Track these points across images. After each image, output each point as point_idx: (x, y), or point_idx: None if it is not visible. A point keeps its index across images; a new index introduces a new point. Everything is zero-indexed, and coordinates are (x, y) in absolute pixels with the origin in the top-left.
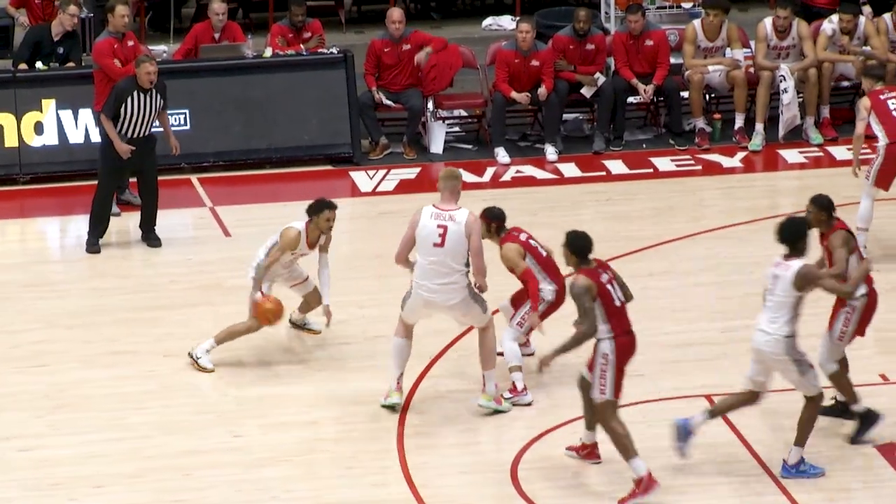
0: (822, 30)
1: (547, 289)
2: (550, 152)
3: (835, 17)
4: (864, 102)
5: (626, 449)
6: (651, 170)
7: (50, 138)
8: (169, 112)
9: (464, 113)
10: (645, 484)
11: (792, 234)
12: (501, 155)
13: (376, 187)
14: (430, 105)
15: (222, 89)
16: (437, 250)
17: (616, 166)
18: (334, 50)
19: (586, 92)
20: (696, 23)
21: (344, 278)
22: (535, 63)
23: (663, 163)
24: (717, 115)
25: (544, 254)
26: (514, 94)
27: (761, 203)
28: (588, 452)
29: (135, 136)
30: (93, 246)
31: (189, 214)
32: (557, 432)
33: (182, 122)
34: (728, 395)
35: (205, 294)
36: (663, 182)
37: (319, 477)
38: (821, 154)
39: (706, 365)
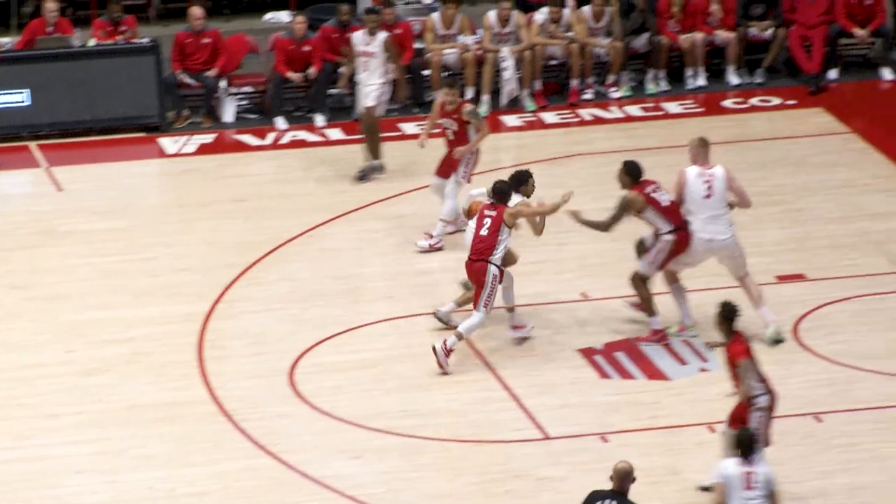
0: (534, 19)
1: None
2: (319, 120)
3: (545, 9)
4: (437, 103)
5: (650, 308)
6: (398, 133)
7: None
8: (12, 91)
9: (250, 89)
10: (660, 336)
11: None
12: (280, 122)
13: (180, 150)
14: (223, 83)
15: (55, 72)
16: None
17: None
18: (145, 40)
19: (346, 71)
20: (435, 15)
21: (154, 223)
22: (306, 48)
23: (409, 127)
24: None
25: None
26: (289, 74)
27: (485, 157)
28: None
29: None
30: None
31: (29, 174)
32: (322, 345)
33: (24, 99)
34: None
35: (42, 238)
36: (408, 143)
37: (134, 384)
38: (534, 118)
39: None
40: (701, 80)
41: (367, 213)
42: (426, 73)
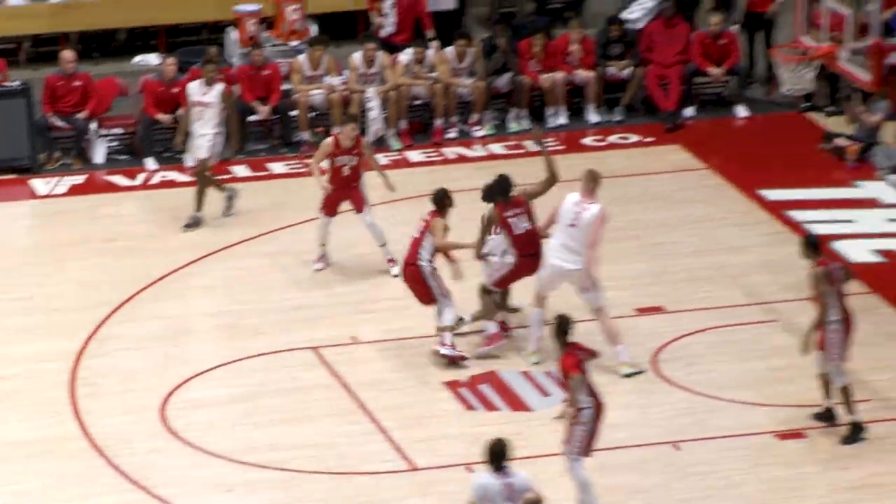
0: (399, 60)
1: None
2: (189, 160)
3: (409, 50)
4: (329, 142)
5: (487, 314)
6: (267, 173)
7: None
8: None
9: (120, 130)
10: (496, 335)
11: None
12: (150, 163)
13: (51, 191)
14: (94, 125)
15: None
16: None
17: (241, 170)
18: (16, 83)
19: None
20: (302, 56)
21: (26, 263)
22: (176, 90)
23: (278, 167)
24: (320, 129)
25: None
26: (159, 116)
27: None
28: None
29: None
30: None
31: None
32: (193, 381)
33: None
34: None
35: None
36: (278, 182)
37: (6, 421)
38: (400, 157)
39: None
40: (562, 119)
41: (236, 252)
42: (293, 113)
